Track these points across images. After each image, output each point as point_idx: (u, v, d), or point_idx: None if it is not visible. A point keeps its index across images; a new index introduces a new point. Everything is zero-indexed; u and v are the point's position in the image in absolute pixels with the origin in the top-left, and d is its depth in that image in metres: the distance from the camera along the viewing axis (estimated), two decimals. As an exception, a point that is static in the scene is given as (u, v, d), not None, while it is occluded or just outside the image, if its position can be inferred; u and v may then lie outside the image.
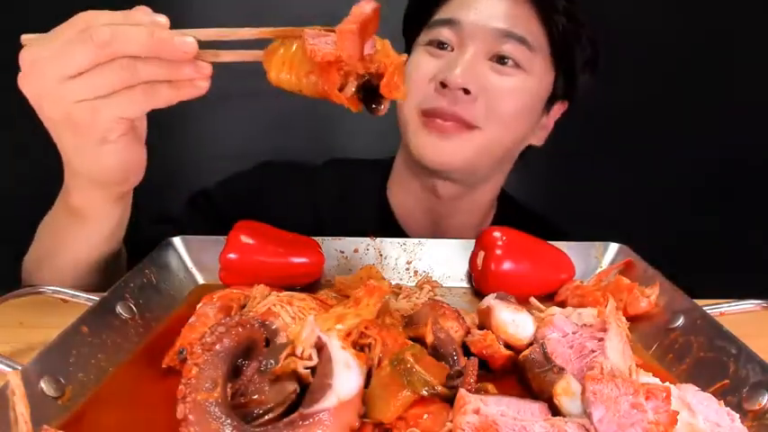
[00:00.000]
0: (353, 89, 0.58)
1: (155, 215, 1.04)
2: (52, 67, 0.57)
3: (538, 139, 1.07)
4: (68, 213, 0.74)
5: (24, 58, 0.58)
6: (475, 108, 0.91)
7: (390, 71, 0.58)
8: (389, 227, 1.10)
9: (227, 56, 0.61)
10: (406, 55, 0.62)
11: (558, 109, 1.07)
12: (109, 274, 0.78)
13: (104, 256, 0.78)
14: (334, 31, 0.56)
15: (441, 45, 0.95)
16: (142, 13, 0.58)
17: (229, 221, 0.78)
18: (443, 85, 0.90)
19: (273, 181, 1.13)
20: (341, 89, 0.58)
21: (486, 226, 1.10)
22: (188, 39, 0.56)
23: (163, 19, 0.57)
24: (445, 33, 0.94)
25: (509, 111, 0.94)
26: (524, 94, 0.95)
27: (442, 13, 0.96)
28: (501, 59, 0.93)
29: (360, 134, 1.61)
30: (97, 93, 0.57)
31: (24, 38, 0.60)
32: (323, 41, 0.55)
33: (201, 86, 0.59)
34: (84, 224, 0.74)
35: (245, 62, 0.61)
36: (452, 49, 0.94)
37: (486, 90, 0.92)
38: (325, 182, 1.14)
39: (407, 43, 1.04)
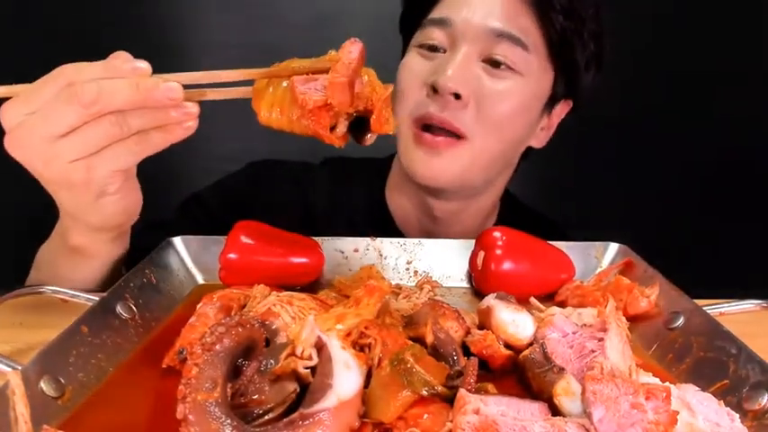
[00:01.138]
0: (344, 129, 0.59)
1: (146, 222, 1.03)
2: (39, 128, 0.56)
3: (538, 141, 1.03)
4: (68, 251, 0.73)
5: (7, 117, 0.57)
6: (465, 115, 0.88)
7: (378, 107, 0.59)
8: (387, 228, 1.08)
9: (214, 94, 0.61)
10: (391, 85, 0.62)
11: (562, 109, 1.03)
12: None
13: (108, 279, 0.78)
14: (324, 72, 0.55)
15: (432, 48, 0.92)
16: (122, 60, 0.57)
17: (222, 225, 0.77)
18: (434, 89, 0.87)
19: (264, 181, 1.11)
20: (332, 128, 0.59)
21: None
22: (172, 84, 0.56)
23: (144, 65, 0.57)
24: (436, 35, 0.91)
25: (502, 115, 0.90)
26: (519, 98, 0.91)
27: (434, 13, 0.93)
28: (495, 63, 0.89)
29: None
30: (90, 150, 0.57)
31: None
32: (312, 88, 0.55)
33: (191, 127, 0.59)
34: (85, 260, 0.74)
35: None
36: (444, 52, 0.91)
37: (478, 94, 0.88)
38: (320, 180, 1.12)
39: (404, 42, 1.01)
